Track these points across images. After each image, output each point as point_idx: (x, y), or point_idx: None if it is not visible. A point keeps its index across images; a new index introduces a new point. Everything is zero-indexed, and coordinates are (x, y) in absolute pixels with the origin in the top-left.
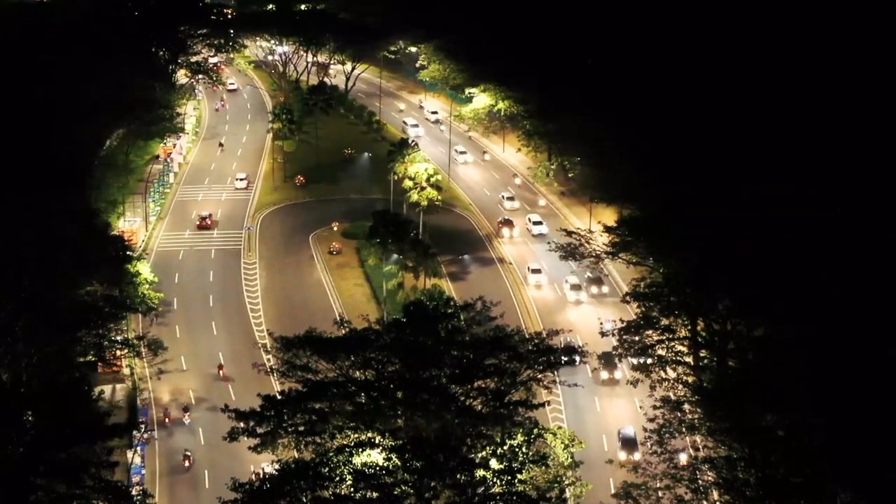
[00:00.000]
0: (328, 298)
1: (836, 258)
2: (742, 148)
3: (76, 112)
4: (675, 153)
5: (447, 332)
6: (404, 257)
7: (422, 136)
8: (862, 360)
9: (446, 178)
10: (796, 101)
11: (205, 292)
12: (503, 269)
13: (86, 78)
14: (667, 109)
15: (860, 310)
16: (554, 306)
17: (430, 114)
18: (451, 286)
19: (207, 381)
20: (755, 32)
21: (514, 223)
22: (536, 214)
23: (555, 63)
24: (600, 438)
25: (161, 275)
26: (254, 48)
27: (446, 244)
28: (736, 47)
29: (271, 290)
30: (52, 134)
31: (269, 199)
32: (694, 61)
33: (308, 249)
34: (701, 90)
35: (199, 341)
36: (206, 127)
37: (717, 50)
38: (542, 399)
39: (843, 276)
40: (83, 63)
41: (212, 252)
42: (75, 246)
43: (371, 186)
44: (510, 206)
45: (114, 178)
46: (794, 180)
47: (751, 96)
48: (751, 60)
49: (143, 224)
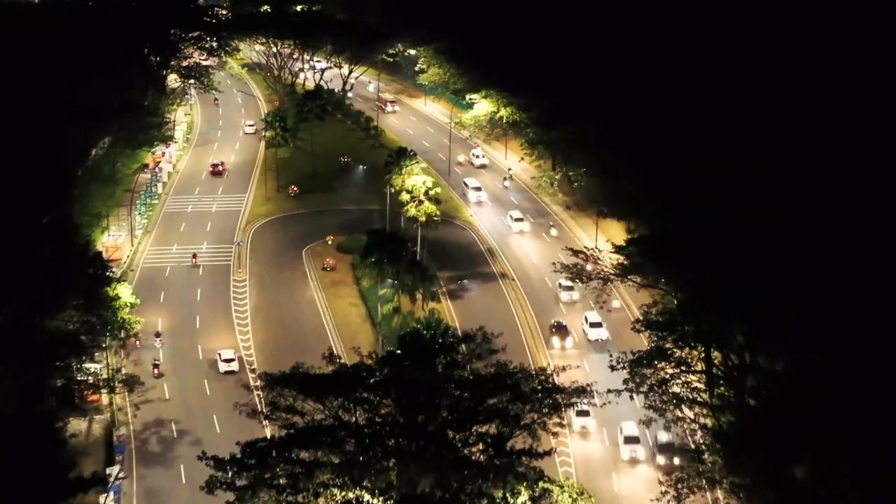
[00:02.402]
0: (321, 319)
1: (861, 276)
2: (761, 156)
3: (60, 119)
4: (687, 163)
5: (445, 366)
6: (400, 280)
7: (484, 202)
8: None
9: (446, 187)
10: (817, 103)
11: (191, 313)
12: (505, 286)
13: (71, 82)
14: (678, 115)
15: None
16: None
17: (475, 157)
18: (450, 305)
19: (191, 412)
20: (771, 29)
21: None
22: (595, 313)
23: (559, 68)
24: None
25: (146, 293)
26: (247, 51)
27: (446, 259)
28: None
29: (261, 311)
30: (34, 143)
31: (261, 210)
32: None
33: (301, 265)
34: (716, 93)
35: (184, 368)
36: (197, 133)
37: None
38: (549, 445)
39: (868, 296)
40: (69, 66)
41: (200, 268)
42: (51, 267)
43: (368, 196)
44: (567, 297)
45: (99, 189)
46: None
47: (770, 97)
48: (770, 59)
49: (128, 238)
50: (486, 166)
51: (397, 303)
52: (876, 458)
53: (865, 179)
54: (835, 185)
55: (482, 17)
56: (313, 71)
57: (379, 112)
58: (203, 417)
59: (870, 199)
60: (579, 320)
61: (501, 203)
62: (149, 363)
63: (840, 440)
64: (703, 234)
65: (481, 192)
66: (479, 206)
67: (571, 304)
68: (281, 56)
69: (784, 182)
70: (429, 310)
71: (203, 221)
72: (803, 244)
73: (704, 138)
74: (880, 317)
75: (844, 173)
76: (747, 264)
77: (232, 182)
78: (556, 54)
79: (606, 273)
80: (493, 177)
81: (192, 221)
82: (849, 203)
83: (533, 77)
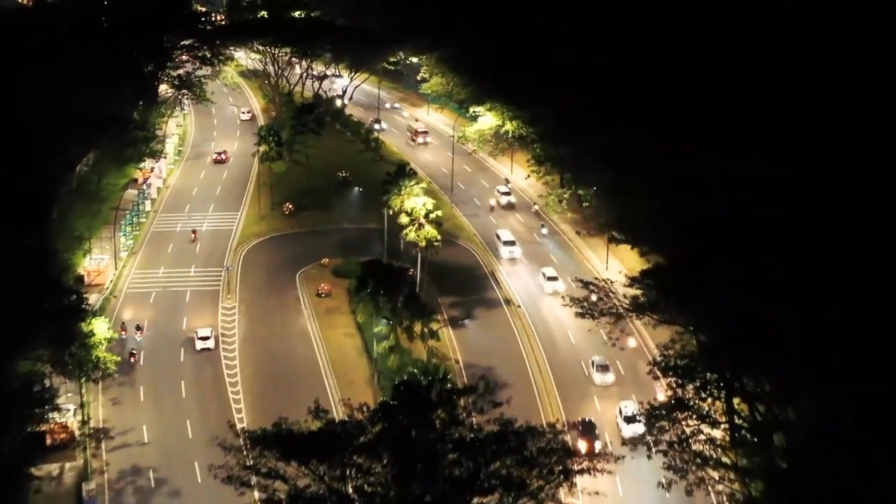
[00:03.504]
0: (314, 351)
1: None
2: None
3: (42, 132)
4: (707, 183)
5: (443, 423)
6: (397, 316)
7: (518, 259)
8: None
9: (450, 207)
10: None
11: (176, 344)
12: (510, 313)
13: (56, 92)
14: (696, 128)
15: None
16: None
17: (501, 195)
18: (452, 335)
19: (171, 459)
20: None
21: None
22: (631, 404)
23: (565, 76)
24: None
25: (128, 321)
26: (244, 59)
27: (449, 283)
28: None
29: (251, 342)
30: (10, 158)
31: (253, 229)
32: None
33: (294, 290)
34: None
35: (165, 406)
36: (190, 145)
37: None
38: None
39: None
40: (53, 75)
41: (187, 294)
42: (20, 300)
43: (367, 214)
44: (600, 380)
45: (83, 207)
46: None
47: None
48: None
49: (111, 261)
50: (514, 206)
51: (393, 341)
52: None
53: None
54: (876, 212)
55: (485, 22)
56: (312, 79)
57: (409, 143)
58: (184, 464)
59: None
60: (613, 410)
61: (535, 255)
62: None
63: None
64: (727, 267)
65: (515, 246)
66: (513, 264)
67: (605, 387)
68: (279, 64)
69: (820, 206)
70: (427, 348)
71: (192, 242)
72: (843, 279)
73: (725, 155)
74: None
75: (884, 199)
76: (777, 302)
77: (224, 198)
78: (557, 54)
79: (620, 308)
80: (526, 219)
81: (180, 242)
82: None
83: (539, 88)
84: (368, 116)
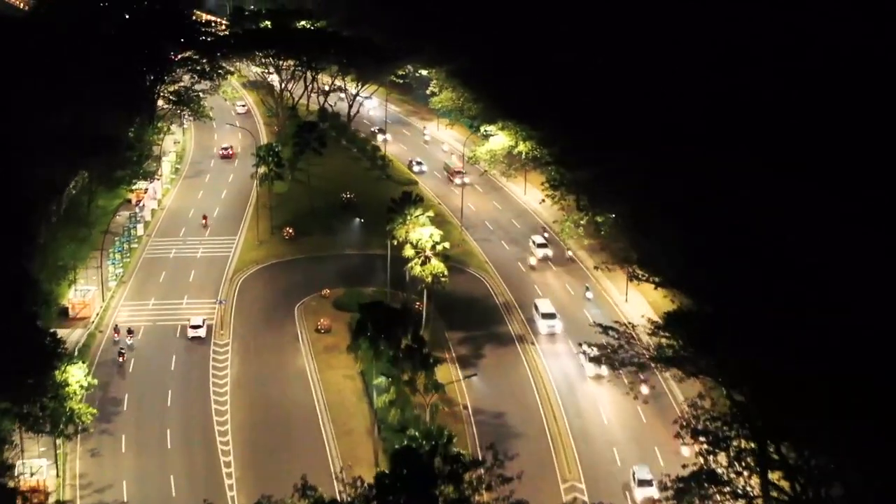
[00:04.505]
0: (311, 395)
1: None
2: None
3: (23, 152)
4: (737, 215)
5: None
6: (398, 368)
7: (558, 333)
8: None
9: (460, 231)
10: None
11: (163, 387)
12: (523, 352)
13: (45, 107)
14: (725, 155)
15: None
16: (594, 429)
17: (537, 247)
18: (461, 376)
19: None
20: None
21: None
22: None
23: (582, 96)
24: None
25: (112, 360)
26: (246, 69)
27: (457, 316)
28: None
29: (243, 384)
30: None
31: (251, 256)
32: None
33: (292, 325)
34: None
35: (149, 459)
36: (188, 162)
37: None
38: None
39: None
40: (37, 91)
41: (177, 328)
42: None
43: (371, 239)
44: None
45: (71, 232)
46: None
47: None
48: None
49: (98, 293)
50: (550, 258)
51: (394, 394)
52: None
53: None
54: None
55: (495, 35)
56: (317, 92)
57: (448, 183)
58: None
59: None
60: None
61: (579, 325)
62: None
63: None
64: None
65: (555, 320)
66: (552, 340)
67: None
68: (282, 77)
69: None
70: (430, 404)
71: (186, 269)
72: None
73: (758, 184)
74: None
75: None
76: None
77: (222, 220)
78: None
79: (642, 357)
80: (562, 271)
81: (173, 269)
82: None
83: (552, 106)
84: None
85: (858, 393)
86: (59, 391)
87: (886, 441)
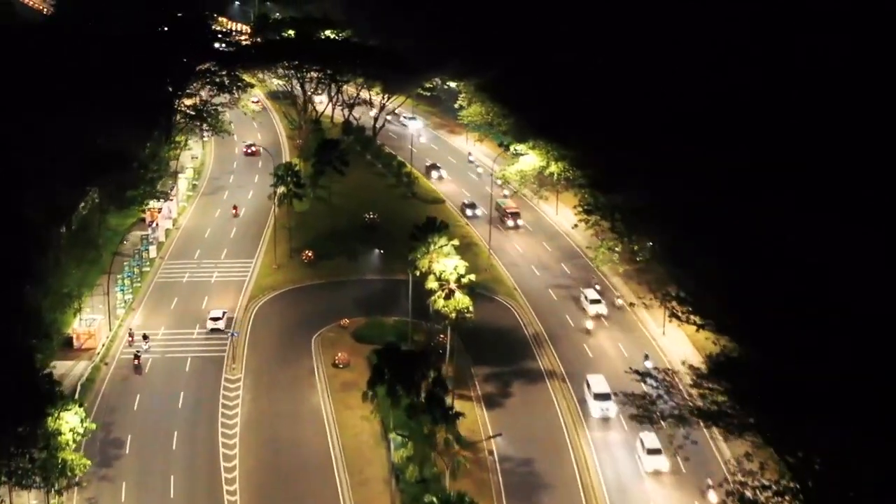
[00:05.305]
0: (326, 439)
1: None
2: None
3: (33, 171)
4: (800, 251)
5: None
6: (417, 422)
7: (612, 417)
8: None
9: (488, 254)
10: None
11: (168, 427)
12: (553, 389)
13: (51, 123)
14: (785, 178)
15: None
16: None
17: (590, 302)
18: (486, 418)
19: None
20: None
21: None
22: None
23: (621, 116)
24: None
25: (117, 396)
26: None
27: (483, 348)
28: None
29: (254, 425)
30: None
31: (268, 281)
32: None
33: (308, 359)
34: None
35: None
36: (207, 178)
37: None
38: None
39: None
40: (49, 104)
41: (187, 362)
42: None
43: (393, 264)
44: None
45: (80, 254)
46: None
47: None
48: None
49: (105, 322)
50: (606, 316)
51: (411, 450)
52: None
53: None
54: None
55: (524, 46)
56: (342, 106)
57: (500, 225)
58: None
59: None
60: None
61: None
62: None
63: None
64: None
65: (610, 401)
66: (606, 425)
67: None
68: (306, 89)
69: None
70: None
71: (199, 294)
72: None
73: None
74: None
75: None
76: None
77: (239, 241)
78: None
79: (683, 410)
80: (622, 335)
81: (186, 295)
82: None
83: (586, 124)
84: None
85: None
86: (50, 441)
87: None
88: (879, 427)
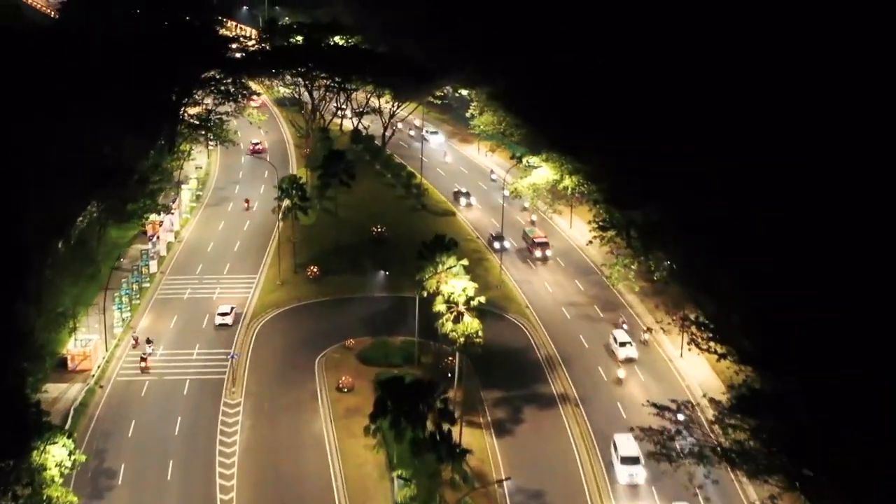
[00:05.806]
0: (328, 469)
1: None
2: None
3: (29, 184)
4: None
5: None
6: (422, 461)
7: (641, 483)
8: None
9: (499, 270)
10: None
11: (164, 455)
12: (566, 416)
13: (49, 134)
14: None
15: None
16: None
17: (619, 345)
18: (495, 446)
19: None
20: None
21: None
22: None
23: (639, 129)
24: None
25: (111, 421)
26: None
27: (493, 371)
28: None
29: (253, 453)
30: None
31: (271, 298)
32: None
33: (311, 382)
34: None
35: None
36: (212, 188)
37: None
38: None
39: None
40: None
41: (185, 384)
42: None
43: (401, 280)
44: None
45: (77, 270)
46: None
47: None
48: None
49: (101, 342)
50: (635, 360)
51: (415, 490)
52: None
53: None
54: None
55: (538, 54)
56: (352, 114)
57: (528, 256)
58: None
59: None
60: None
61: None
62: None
63: None
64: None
65: (638, 466)
66: (633, 494)
67: None
68: (314, 97)
69: None
70: (460, 500)
71: (201, 313)
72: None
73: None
74: None
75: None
76: None
77: (243, 256)
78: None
79: (703, 447)
80: (653, 381)
81: (187, 313)
82: None
83: (602, 137)
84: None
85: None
86: (34, 477)
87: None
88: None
